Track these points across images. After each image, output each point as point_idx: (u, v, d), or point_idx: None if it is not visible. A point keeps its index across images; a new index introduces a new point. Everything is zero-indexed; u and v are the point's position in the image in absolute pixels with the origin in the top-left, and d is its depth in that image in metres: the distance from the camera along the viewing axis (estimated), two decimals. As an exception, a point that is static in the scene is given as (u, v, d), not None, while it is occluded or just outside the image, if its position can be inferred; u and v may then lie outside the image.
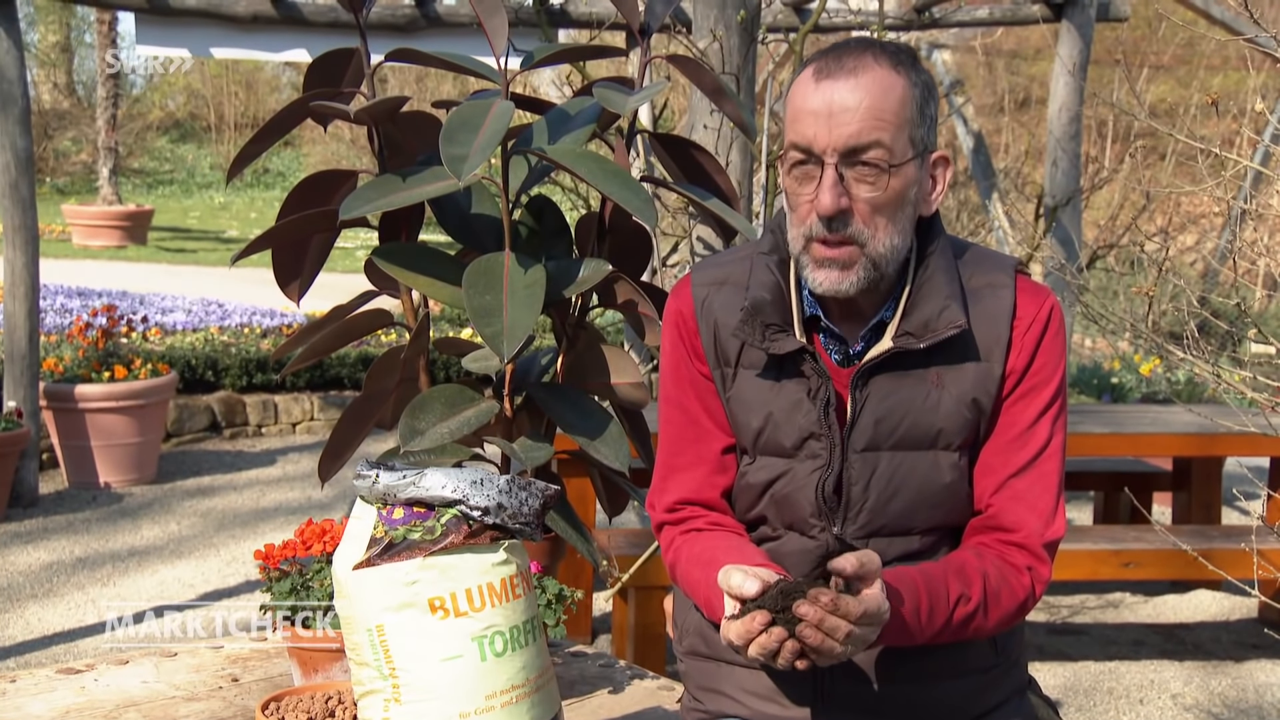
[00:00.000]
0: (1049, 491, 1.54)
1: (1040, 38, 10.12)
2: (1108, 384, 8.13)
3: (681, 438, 1.63)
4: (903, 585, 1.45)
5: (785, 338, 1.52)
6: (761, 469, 1.57)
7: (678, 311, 1.63)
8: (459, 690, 1.41)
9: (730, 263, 1.62)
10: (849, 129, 1.44)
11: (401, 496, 1.43)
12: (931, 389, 1.51)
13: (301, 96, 2.04)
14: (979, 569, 1.50)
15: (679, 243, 5.39)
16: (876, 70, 1.46)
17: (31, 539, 5.28)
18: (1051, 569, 1.54)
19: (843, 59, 1.47)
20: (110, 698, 1.90)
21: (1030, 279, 1.58)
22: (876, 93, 1.45)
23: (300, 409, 7.24)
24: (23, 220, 5.56)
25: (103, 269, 11.97)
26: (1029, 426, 1.53)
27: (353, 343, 2.56)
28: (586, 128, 1.99)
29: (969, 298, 1.53)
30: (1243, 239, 3.12)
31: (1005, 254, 1.64)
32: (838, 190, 1.45)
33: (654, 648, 3.70)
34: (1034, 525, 1.53)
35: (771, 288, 1.55)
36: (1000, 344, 1.52)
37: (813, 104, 1.46)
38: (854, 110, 1.44)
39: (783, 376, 1.55)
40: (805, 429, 1.53)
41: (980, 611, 1.49)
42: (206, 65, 19.14)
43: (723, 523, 1.61)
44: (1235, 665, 4.29)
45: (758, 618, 1.36)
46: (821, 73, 1.47)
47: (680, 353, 1.63)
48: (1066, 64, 6.10)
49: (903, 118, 1.46)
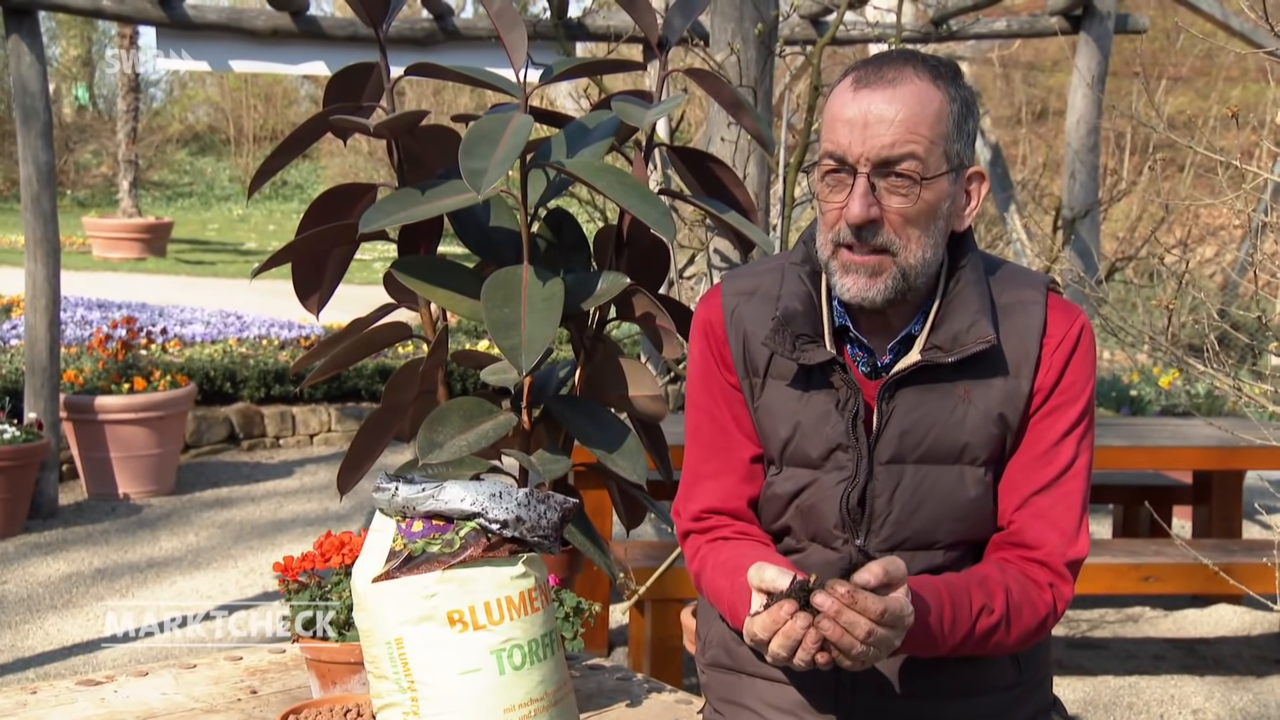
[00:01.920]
0: (1072, 510, 1.53)
1: (1058, 49, 10.11)
2: (1127, 397, 8.09)
3: (709, 446, 1.63)
4: (926, 593, 1.44)
5: (815, 348, 1.52)
6: (788, 480, 1.57)
7: (707, 320, 1.63)
8: (478, 704, 1.40)
9: (762, 273, 1.62)
10: (883, 139, 1.44)
11: (420, 509, 1.43)
12: (959, 403, 1.51)
13: (321, 111, 2.05)
14: (1001, 582, 1.50)
15: (696, 255, 5.39)
16: (916, 83, 1.45)
17: (51, 550, 5.31)
18: (1074, 588, 1.54)
19: (883, 69, 1.46)
20: (130, 709, 1.91)
21: (1062, 297, 1.57)
22: (914, 105, 1.44)
23: (318, 420, 7.26)
24: (44, 233, 5.60)
25: (122, 281, 12.05)
26: (1054, 444, 1.53)
27: (371, 355, 2.56)
28: (605, 141, 1.99)
29: (999, 313, 1.52)
30: (1263, 251, 3.10)
31: (1037, 272, 1.64)
32: (868, 199, 1.45)
33: (671, 661, 3.69)
34: (1056, 543, 1.52)
35: (803, 298, 1.55)
36: (1029, 361, 1.52)
37: (849, 113, 1.46)
38: (890, 121, 1.44)
39: (811, 387, 1.54)
40: (833, 440, 1.53)
41: (1003, 625, 1.48)
42: (226, 79, 19.26)
43: (749, 532, 1.61)
44: (1257, 681, 4.26)
45: (785, 606, 1.35)
46: (860, 82, 1.47)
47: (709, 362, 1.63)
48: (1084, 76, 6.09)
49: (939, 131, 1.46)
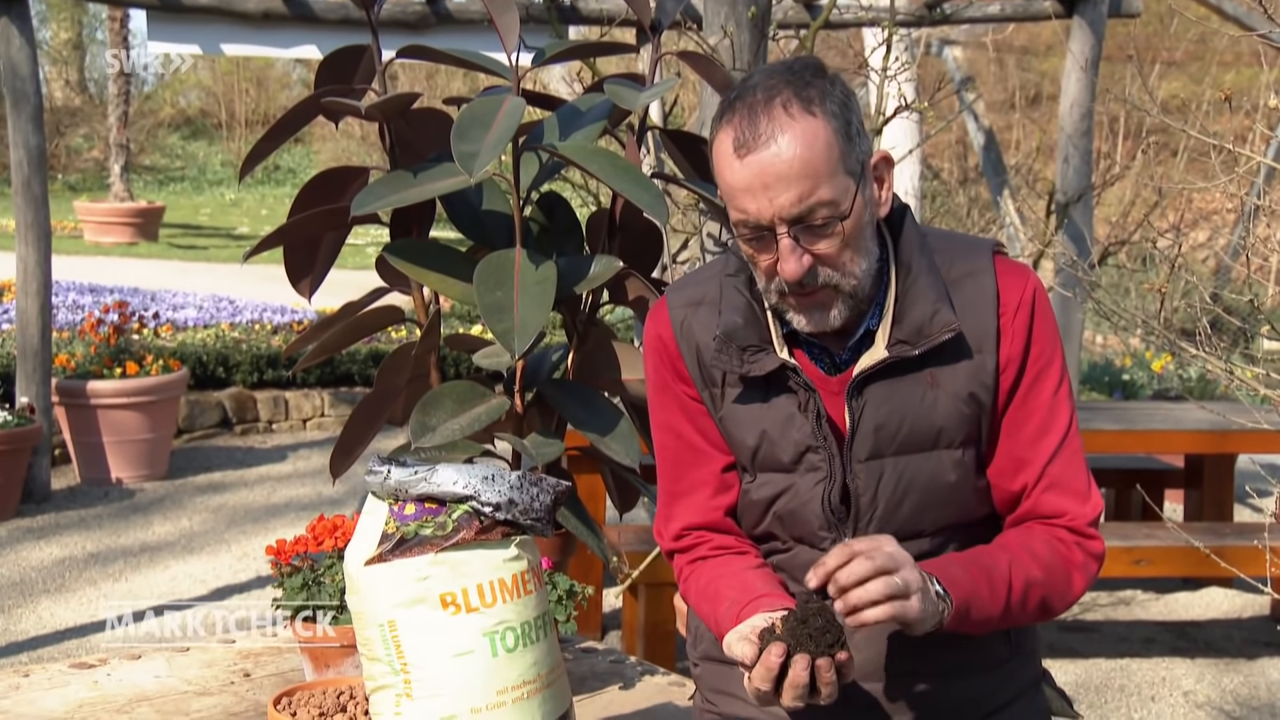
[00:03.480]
0: (1080, 469, 1.53)
1: (1052, 34, 10.09)
2: (1119, 381, 8.10)
3: (678, 463, 1.61)
4: (946, 562, 1.44)
5: (765, 356, 1.51)
6: (764, 485, 1.56)
7: (657, 336, 1.60)
8: (470, 685, 1.41)
9: (704, 280, 1.60)
10: (788, 197, 1.40)
11: (413, 492, 1.43)
12: (927, 390, 1.50)
13: (313, 93, 2.04)
14: (1022, 542, 1.49)
15: (689, 239, 5.38)
16: (792, 126, 1.40)
17: (44, 534, 5.30)
18: (1102, 542, 1.53)
19: (757, 125, 1.41)
20: (123, 692, 1.91)
21: (1008, 259, 1.55)
22: (801, 149, 1.40)
23: (311, 405, 7.26)
24: (35, 217, 5.58)
25: (114, 265, 12.01)
26: (1050, 410, 1.52)
27: (363, 339, 2.56)
28: (598, 124, 1.99)
29: (951, 289, 1.50)
30: (1256, 235, 3.10)
31: (978, 236, 1.62)
32: (798, 254, 1.43)
33: (664, 644, 3.70)
34: (1074, 507, 1.52)
35: (743, 310, 1.53)
36: (989, 334, 1.50)
37: (742, 180, 1.42)
38: (786, 177, 1.40)
39: (771, 393, 1.53)
40: (801, 443, 1.52)
41: (1042, 580, 1.47)
42: (217, 63, 19.18)
43: (729, 545, 1.60)
44: (1247, 663, 4.28)
45: (774, 651, 1.33)
46: (741, 146, 1.42)
47: (664, 377, 1.60)
48: (1078, 60, 6.08)
49: (833, 160, 1.42)
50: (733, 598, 1.49)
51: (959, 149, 12.88)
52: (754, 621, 1.43)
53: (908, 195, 6.76)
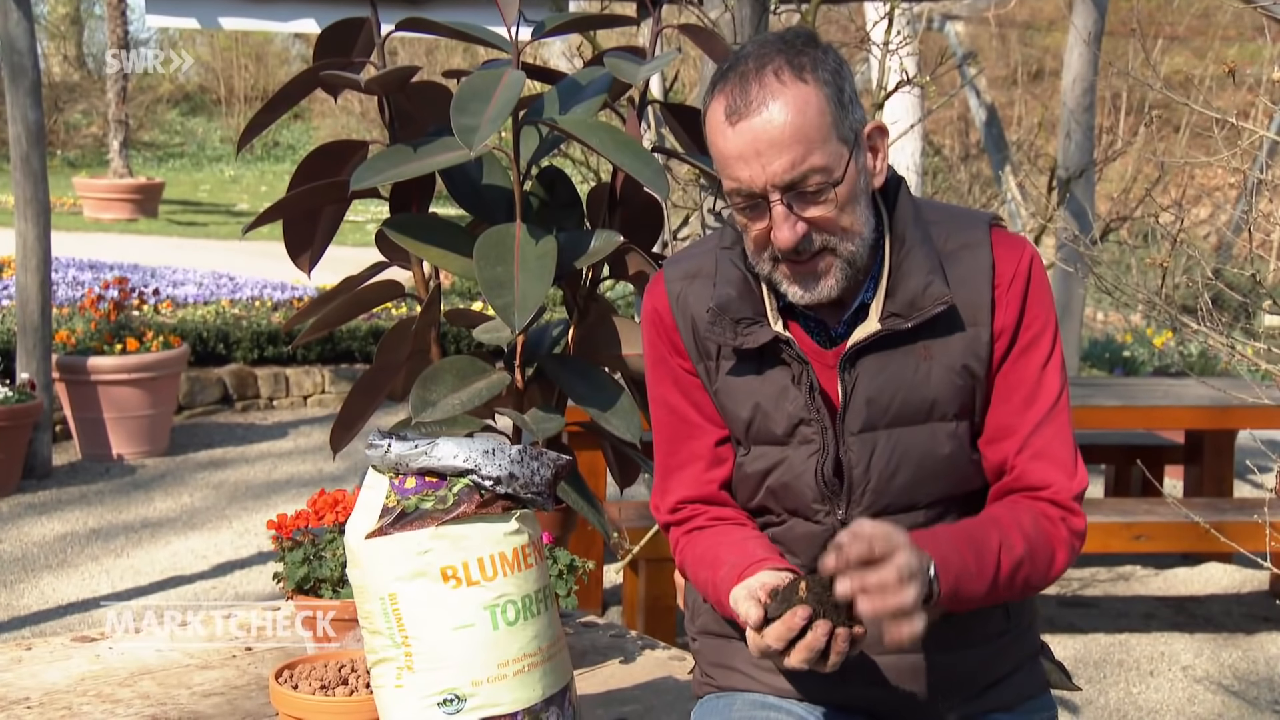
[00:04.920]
0: (1067, 442, 1.53)
1: (1054, 9, 10.04)
2: (1120, 357, 8.10)
3: (674, 437, 1.62)
4: (937, 537, 1.43)
5: (759, 329, 1.51)
6: (757, 459, 1.56)
7: (654, 310, 1.61)
8: (471, 659, 1.41)
9: (700, 254, 1.60)
10: (781, 163, 1.40)
11: (414, 466, 1.43)
12: (920, 362, 1.50)
13: (312, 66, 2.03)
14: (1012, 518, 1.49)
15: (690, 214, 5.37)
16: (784, 92, 1.41)
17: (45, 510, 5.32)
18: (1085, 519, 1.53)
19: (748, 92, 1.41)
20: (125, 665, 1.92)
21: (1005, 231, 1.55)
22: (793, 115, 1.40)
23: (311, 382, 7.26)
24: (34, 193, 5.56)
25: (114, 242, 11.99)
26: (1037, 381, 1.52)
27: (363, 315, 2.56)
28: (598, 98, 1.98)
29: (945, 261, 1.50)
30: (1258, 210, 3.09)
31: (975, 209, 1.62)
32: (792, 221, 1.43)
33: (664, 619, 3.71)
34: (1061, 480, 1.51)
35: (738, 283, 1.53)
36: (984, 306, 1.50)
37: (734, 148, 1.42)
38: (779, 143, 1.40)
39: (765, 366, 1.53)
40: (794, 415, 1.52)
41: (1027, 559, 1.47)
42: (216, 38, 19.09)
43: (725, 516, 1.60)
44: (1246, 638, 4.29)
45: (799, 613, 1.32)
46: (733, 113, 1.42)
47: (661, 350, 1.61)
48: (1081, 35, 6.05)
49: (826, 126, 1.42)
50: (732, 561, 1.49)
51: (961, 125, 12.84)
52: (762, 578, 1.42)
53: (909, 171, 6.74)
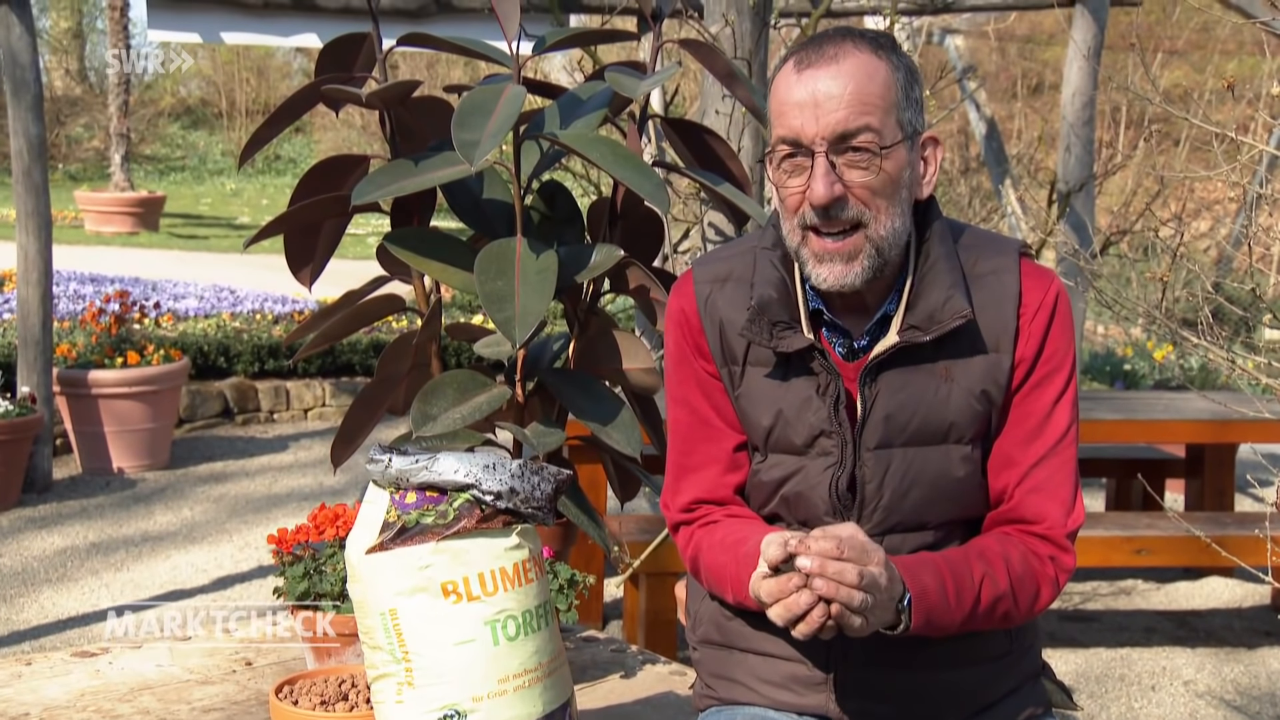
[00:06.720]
0: (1069, 479, 1.53)
1: (1054, 23, 10.07)
2: (1120, 370, 8.11)
3: (691, 438, 1.62)
4: (924, 567, 1.44)
5: (793, 335, 1.51)
6: (774, 467, 1.56)
7: (680, 310, 1.61)
8: (472, 674, 1.41)
9: (732, 257, 1.60)
10: (836, 115, 1.43)
11: (414, 481, 1.43)
12: (941, 383, 1.50)
13: (313, 80, 2.04)
14: (1001, 553, 1.50)
15: (690, 229, 5.38)
16: (858, 56, 1.45)
17: (45, 524, 5.31)
18: (1075, 557, 1.54)
19: (823, 47, 1.46)
20: (125, 680, 1.91)
21: (1034, 262, 1.56)
22: (861, 78, 1.44)
23: (312, 395, 7.26)
24: (36, 206, 5.57)
25: (115, 255, 12.00)
26: (1046, 415, 1.52)
27: (364, 329, 2.56)
28: (598, 112, 1.98)
29: (972, 284, 1.51)
30: (1258, 224, 3.10)
31: (1008, 236, 1.63)
32: (830, 178, 1.44)
33: (665, 633, 3.71)
34: (1057, 516, 1.52)
35: (777, 284, 1.53)
36: (1008, 333, 1.51)
37: (797, 95, 1.45)
38: (839, 97, 1.43)
39: (791, 374, 1.53)
40: (816, 427, 1.52)
41: (1009, 594, 1.48)
42: (218, 52, 19.14)
43: (740, 514, 1.61)
44: (1248, 652, 4.28)
45: (794, 578, 1.35)
46: (803, 63, 1.46)
47: (685, 351, 1.61)
48: (1080, 48, 6.07)
49: (889, 101, 1.45)
50: (757, 539, 1.47)
51: (961, 138, 12.87)
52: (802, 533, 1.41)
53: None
